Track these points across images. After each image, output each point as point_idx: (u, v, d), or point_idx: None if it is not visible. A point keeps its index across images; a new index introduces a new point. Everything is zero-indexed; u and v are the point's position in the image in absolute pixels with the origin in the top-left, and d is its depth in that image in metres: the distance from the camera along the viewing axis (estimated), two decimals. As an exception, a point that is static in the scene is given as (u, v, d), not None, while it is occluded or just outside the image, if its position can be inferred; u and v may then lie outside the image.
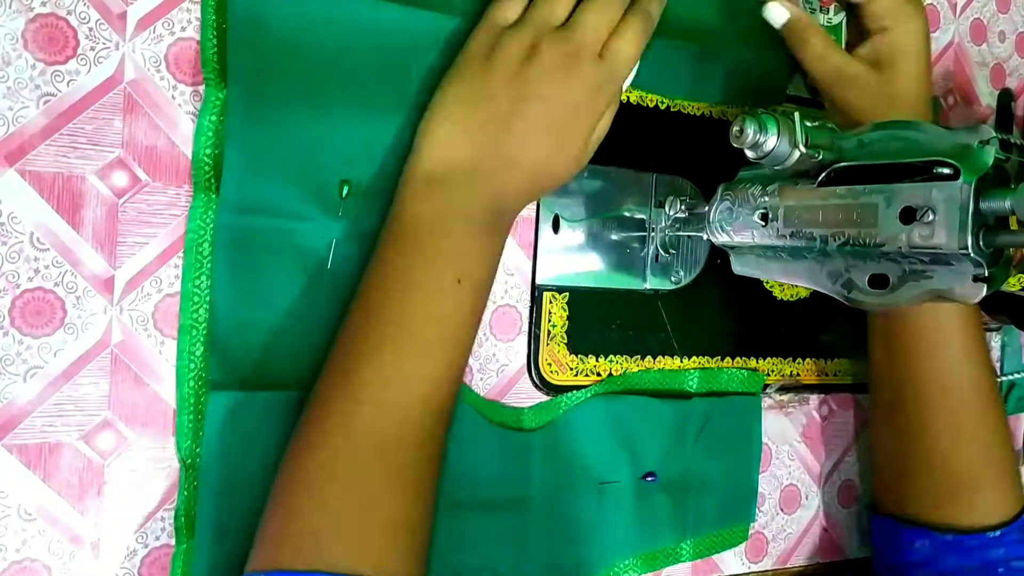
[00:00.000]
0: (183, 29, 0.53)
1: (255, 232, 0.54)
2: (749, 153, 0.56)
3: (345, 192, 0.56)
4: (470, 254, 0.53)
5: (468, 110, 0.54)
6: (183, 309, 0.53)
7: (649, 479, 0.68)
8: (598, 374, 0.67)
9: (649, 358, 0.69)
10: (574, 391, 0.66)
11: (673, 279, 0.70)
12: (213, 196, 0.53)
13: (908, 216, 0.51)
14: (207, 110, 0.53)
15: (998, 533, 0.67)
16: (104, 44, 0.51)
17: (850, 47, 0.68)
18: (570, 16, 0.56)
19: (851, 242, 0.54)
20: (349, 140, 0.57)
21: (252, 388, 0.54)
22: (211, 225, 0.53)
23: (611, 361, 0.68)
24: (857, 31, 0.68)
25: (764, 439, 0.76)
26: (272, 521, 0.50)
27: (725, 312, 0.73)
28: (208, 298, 0.53)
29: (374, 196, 0.57)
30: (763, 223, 0.59)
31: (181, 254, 0.53)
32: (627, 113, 0.66)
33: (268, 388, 0.54)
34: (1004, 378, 0.89)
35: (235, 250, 0.54)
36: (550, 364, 0.65)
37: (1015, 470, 0.70)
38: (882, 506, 0.74)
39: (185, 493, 0.53)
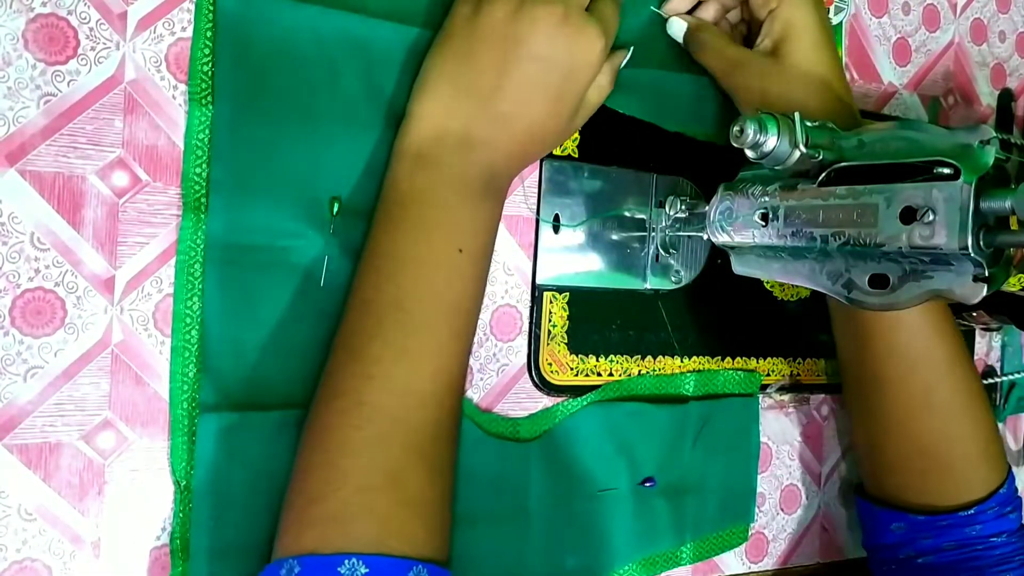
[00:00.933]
0: (183, 29, 0.53)
1: (246, 251, 0.54)
2: (749, 153, 0.56)
3: (336, 209, 0.56)
4: (466, 223, 0.53)
5: (456, 75, 0.53)
6: (175, 330, 0.53)
7: (648, 484, 0.68)
8: (598, 374, 0.67)
9: (649, 358, 0.69)
10: (570, 399, 0.66)
11: (673, 279, 0.70)
12: (203, 216, 0.53)
13: (908, 216, 0.51)
14: (193, 129, 0.53)
15: (972, 511, 0.65)
16: (104, 44, 0.51)
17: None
18: None
19: (851, 242, 0.54)
20: (339, 157, 0.56)
21: (244, 409, 0.53)
22: (201, 246, 0.53)
23: (611, 361, 0.68)
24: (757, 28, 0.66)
25: (764, 439, 0.76)
26: (295, 504, 0.49)
27: (725, 312, 0.73)
28: (200, 319, 0.53)
29: (366, 213, 0.56)
30: (763, 223, 0.59)
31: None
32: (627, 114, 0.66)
33: (261, 409, 0.54)
34: (1004, 378, 0.90)
35: (226, 270, 0.53)
36: (550, 364, 0.65)
37: (994, 444, 0.67)
38: (865, 488, 0.74)
39: (180, 515, 0.53)
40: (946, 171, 0.50)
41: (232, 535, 0.53)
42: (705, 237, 0.64)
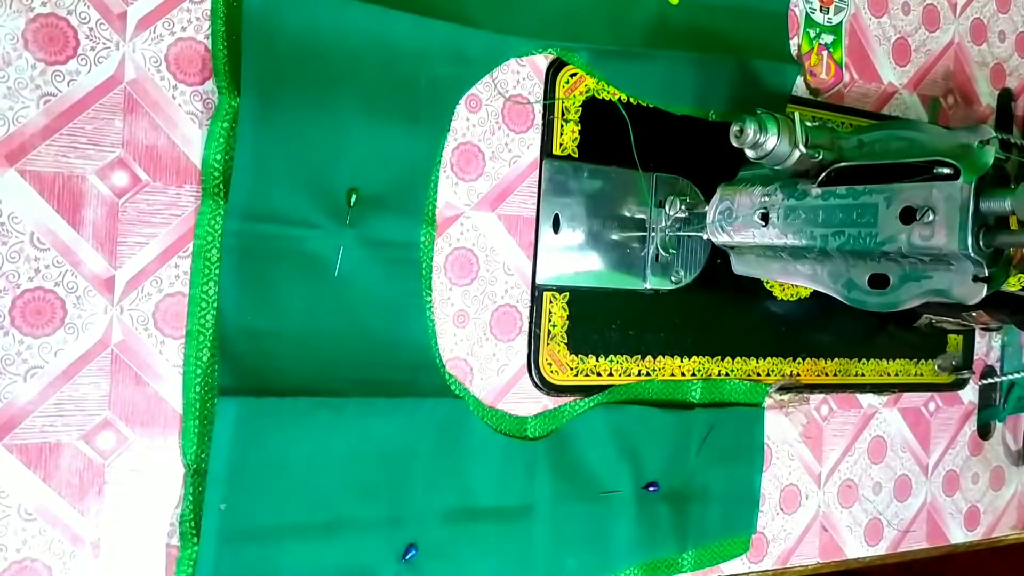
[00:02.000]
0: (183, 29, 0.53)
1: (263, 239, 0.54)
2: (749, 153, 0.56)
3: (353, 200, 0.56)
4: None
5: None
6: (190, 314, 0.53)
7: (651, 489, 0.68)
8: (598, 374, 0.67)
9: (649, 358, 0.69)
10: (577, 400, 0.66)
11: (673, 279, 0.70)
12: (221, 202, 0.53)
13: (908, 216, 0.51)
14: (219, 116, 0.53)
15: None
16: (104, 44, 0.51)
17: None
18: None
19: (851, 242, 0.54)
20: (358, 148, 0.57)
21: (260, 393, 0.53)
22: (219, 231, 0.53)
23: (611, 361, 0.68)
24: None
25: (764, 439, 0.76)
26: None
27: (725, 312, 0.73)
28: (216, 304, 0.54)
29: (382, 205, 0.57)
30: (763, 223, 0.59)
31: (182, 254, 0.53)
32: (627, 113, 0.66)
33: (276, 394, 0.54)
34: (1004, 378, 0.89)
35: (243, 256, 0.54)
36: (550, 364, 0.65)
37: None
38: None
39: (191, 498, 0.53)
40: (946, 171, 0.50)
41: (244, 519, 0.53)
42: (705, 237, 0.64)
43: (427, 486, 0.59)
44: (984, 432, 0.91)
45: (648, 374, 0.69)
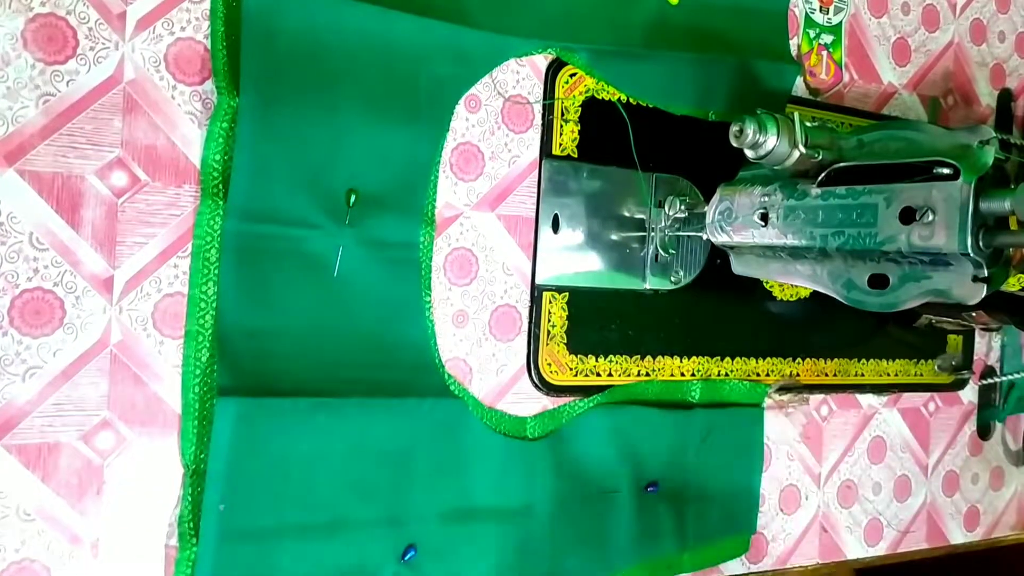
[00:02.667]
0: (183, 29, 0.53)
1: (262, 239, 0.54)
2: (749, 153, 0.56)
3: (352, 200, 0.56)
4: None
5: None
6: (189, 314, 0.53)
7: (651, 489, 0.68)
8: (597, 374, 0.67)
9: (649, 358, 0.69)
10: (577, 400, 0.66)
11: (673, 279, 0.70)
12: (220, 202, 0.53)
13: (908, 216, 0.51)
14: (218, 117, 0.53)
15: None
16: (104, 44, 0.51)
17: None
18: None
19: (851, 242, 0.54)
20: (357, 148, 0.57)
21: (259, 394, 0.54)
22: (218, 232, 0.53)
23: (611, 361, 0.68)
24: None
25: (764, 439, 0.76)
26: None
27: (725, 312, 0.73)
28: (215, 304, 0.54)
29: (381, 205, 0.57)
30: (763, 223, 0.59)
31: (181, 254, 0.54)
32: (627, 113, 0.66)
33: (275, 394, 0.54)
34: (1004, 378, 0.89)
35: (242, 256, 0.54)
36: (550, 364, 0.65)
37: None
38: None
39: (190, 498, 0.53)
40: (946, 171, 0.50)
41: (243, 519, 0.53)
42: (704, 237, 0.64)
43: (426, 486, 0.59)
44: (984, 432, 0.91)
45: (647, 374, 0.69)
